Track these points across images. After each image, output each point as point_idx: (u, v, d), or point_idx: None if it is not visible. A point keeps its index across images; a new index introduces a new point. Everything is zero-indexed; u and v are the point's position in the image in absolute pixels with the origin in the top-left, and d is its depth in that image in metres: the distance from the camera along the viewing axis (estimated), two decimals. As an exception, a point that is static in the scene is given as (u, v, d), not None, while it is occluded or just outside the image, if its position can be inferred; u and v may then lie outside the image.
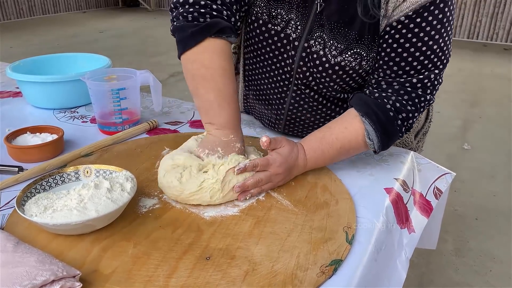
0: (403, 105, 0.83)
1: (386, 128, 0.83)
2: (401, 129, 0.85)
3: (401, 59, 0.82)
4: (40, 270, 0.53)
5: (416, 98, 0.83)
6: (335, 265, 0.62)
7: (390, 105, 0.83)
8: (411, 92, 0.83)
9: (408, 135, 1.06)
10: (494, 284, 1.72)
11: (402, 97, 0.83)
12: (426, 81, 0.83)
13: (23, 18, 7.50)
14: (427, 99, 0.85)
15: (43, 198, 0.69)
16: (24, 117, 1.16)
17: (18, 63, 1.25)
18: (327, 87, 0.91)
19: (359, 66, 0.87)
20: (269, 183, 0.79)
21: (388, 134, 0.84)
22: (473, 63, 4.93)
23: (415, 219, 0.86)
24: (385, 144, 0.86)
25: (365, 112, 0.83)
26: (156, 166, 0.88)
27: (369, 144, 0.84)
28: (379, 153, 0.88)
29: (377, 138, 0.83)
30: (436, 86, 0.85)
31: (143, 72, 1.07)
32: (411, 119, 0.85)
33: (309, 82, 0.92)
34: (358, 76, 0.89)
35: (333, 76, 0.88)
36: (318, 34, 0.87)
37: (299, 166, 0.83)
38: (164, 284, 0.57)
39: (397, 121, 0.83)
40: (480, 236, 2.01)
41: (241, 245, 0.65)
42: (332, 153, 0.85)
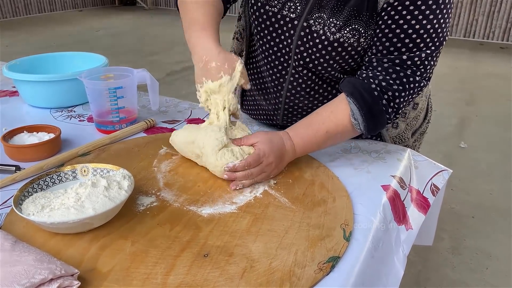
0: (390, 84, 0.83)
1: (371, 107, 0.83)
2: (387, 109, 0.84)
3: (394, 35, 0.83)
4: (38, 269, 0.53)
5: (405, 78, 0.84)
6: (333, 262, 0.62)
7: (375, 85, 0.84)
8: (399, 71, 0.84)
9: (404, 131, 1.06)
10: (490, 281, 1.73)
11: (390, 76, 0.84)
12: (416, 60, 0.83)
13: (19, 17, 7.47)
14: (416, 80, 0.84)
15: (40, 197, 0.69)
16: (21, 116, 1.16)
17: (15, 62, 1.25)
18: (325, 67, 0.92)
19: (358, 43, 0.87)
20: (263, 174, 0.81)
21: (373, 113, 0.84)
22: (470, 62, 4.95)
23: (412, 216, 0.86)
24: (371, 125, 0.85)
25: (350, 92, 0.84)
26: (153, 165, 0.88)
27: (354, 124, 0.85)
28: (366, 135, 0.87)
29: (362, 117, 0.84)
30: (427, 68, 0.85)
31: (140, 71, 1.07)
32: (397, 99, 0.84)
33: (308, 62, 0.93)
34: (356, 53, 0.89)
35: (332, 53, 0.89)
36: (318, 14, 0.88)
37: (288, 152, 0.84)
38: (162, 281, 0.57)
39: (382, 100, 0.83)
40: (477, 234, 2.02)
41: (239, 242, 0.65)
42: (320, 138, 0.85)
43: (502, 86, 4.09)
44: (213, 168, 0.81)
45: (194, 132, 0.86)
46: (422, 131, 1.14)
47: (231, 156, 0.80)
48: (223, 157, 0.80)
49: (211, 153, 0.81)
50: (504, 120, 3.31)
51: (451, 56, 5.05)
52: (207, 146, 0.82)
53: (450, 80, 4.14)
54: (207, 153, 0.82)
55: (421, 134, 1.15)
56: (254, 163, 0.80)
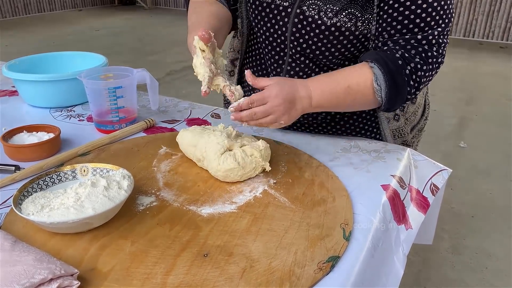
0: (411, 57, 0.84)
1: (394, 75, 0.83)
2: (409, 81, 0.84)
3: (403, 17, 0.83)
4: (38, 269, 0.53)
5: (423, 53, 0.84)
6: (333, 262, 0.62)
7: (399, 55, 0.84)
8: (417, 47, 0.84)
9: (404, 126, 1.06)
10: (490, 281, 1.73)
11: (410, 51, 0.85)
12: (430, 38, 0.84)
13: (18, 16, 7.46)
14: (434, 55, 0.85)
15: (40, 197, 0.69)
16: (20, 116, 1.16)
17: (14, 62, 1.25)
18: (323, 52, 0.92)
19: (355, 27, 0.88)
20: (270, 116, 0.79)
21: (396, 82, 0.83)
22: (469, 62, 4.95)
23: (412, 215, 0.86)
24: (393, 95, 0.84)
25: (375, 59, 0.84)
26: (153, 165, 0.88)
27: (376, 89, 0.84)
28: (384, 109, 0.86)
29: (385, 83, 0.83)
30: (441, 45, 0.86)
31: (140, 71, 1.07)
32: (419, 71, 0.84)
33: (305, 48, 0.93)
34: (355, 38, 0.89)
35: (330, 37, 0.89)
36: (312, 1, 0.89)
37: (302, 99, 0.82)
38: (162, 281, 0.57)
39: (405, 70, 0.83)
40: (476, 233, 2.02)
41: (238, 242, 0.65)
42: (340, 90, 0.84)
43: (501, 86, 4.09)
44: (215, 172, 0.82)
45: (198, 136, 0.87)
46: (420, 128, 1.14)
47: (233, 161, 0.80)
48: (225, 162, 0.80)
49: (213, 157, 0.81)
50: (503, 119, 3.31)
51: (451, 56, 5.04)
52: (209, 151, 0.82)
53: (450, 79, 4.14)
54: (209, 158, 0.82)
55: (420, 131, 1.15)
56: (258, 101, 0.78)
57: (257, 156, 0.83)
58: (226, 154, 0.81)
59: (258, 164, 0.83)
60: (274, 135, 1.04)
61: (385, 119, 1.02)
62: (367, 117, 1.05)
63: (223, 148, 0.82)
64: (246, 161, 0.81)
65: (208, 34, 0.78)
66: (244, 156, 0.82)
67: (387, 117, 1.02)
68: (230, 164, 0.80)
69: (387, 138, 1.05)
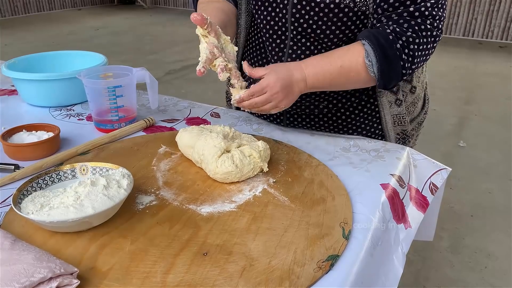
0: (403, 31, 0.85)
1: (385, 50, 0.84)
2: (401, 55, 0.85)
3: None
4: (38, 268, 0.53)
5: (416, 26, 0.85)
6: (332, 261, 0.62)
7: (390, 30, 0.85)
8: (410, 20, 0.85)
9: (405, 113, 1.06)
10: (489, 280, 1.74)
11: (402, 25, 0.85)
12: (423, 10, 0.84)
13: (18, 16, 7.46)
14: (428, 28, 0.85)
15: (39, 196, 0.69)
16: (20, 115, 1.16)
17: (13, 61, 1.25)
18: (324, 31, 0.92)
19: (354, 4, 0.88)
20: (270, 104, 0.83)
21: (387, 56, 0.84)
22: (469, 61, 4.95)
23: (411, 214, 0.86)
24: (385, 69, 0.85)
25: (366, 36, 0.86)
26: (153, 164, 0.88)
27: (368, 65, 0.86)
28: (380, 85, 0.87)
29: (376, 58, 0.84)
30: (435, 17, 0.86)
31: (139, 70, 1.07)
32: (412, 45, 0.85)
33: (305, 28, 0.94)
34: (354, 15, 0.90)
35: (329, 15, 0.90)
36: None
37: (298, 82, 0.85)
38: (161, 280, 0.57)
39: (396, 44, 0.84)
40: (476, 233, 2.02)
41: (238, 241, 0.65)
42: (333, 70, 0.86)
43: (501, 85, 4.09)
44: (213, 175, 0.81)
45: (195, 137, 0.87)
46: (420, 121, 1.15)
47: (231, 164, 0.80)
48: (223, 165, 0.80)
49: (211, 160, 0.81)
50: (503, 119, 3.32)
51: (450, 55, 5.05)
52: (206, 154, 0.82)
53: (449, 79, 4.14)
54: (206, 160, 0.82)
55: (419, 124, 1.15)
56: (258, 92, 0.82)
57: (256, 156, 0.83)
58: (223, 157, 0.81)
59: (256, 165, 0.83)
60: (274, 134, 1.04)
61: (387, 103, 1.02)
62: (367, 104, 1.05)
63: (220, 150, 0.82)
64: (244, 162, 0.81)
65: (200, 15, 0.80)
66: (242, 158, 0.81)
67: (389, 101, 1.03)
68: (228, 167, 0.79)
69: (387, 125, 1.05)
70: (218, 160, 0.81)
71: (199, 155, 0.84)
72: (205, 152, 0.83)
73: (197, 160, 0.85)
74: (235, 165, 0.80)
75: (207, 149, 0.83)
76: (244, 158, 0.82)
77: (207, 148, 0.83)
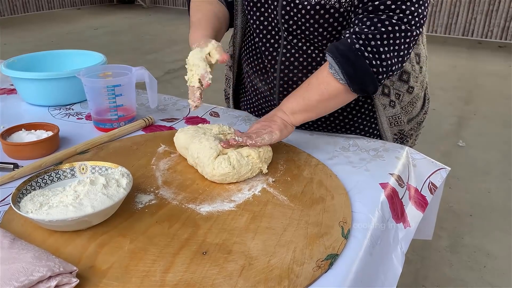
0: (362, 29, 0.84)
1: (345, 53, 0.84)
2: (363, 54, 0.83)
3: None
4: (37, 266, 0.53)
5: (379, 23, 0.83)
6: (331, 260, 0.62)
7: (348, 34, 0.85)
8: (373, 18, 0.83)
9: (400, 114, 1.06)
10: (488, 280, 1.74)
11: (364, 23, 0.84)
12: (389, 3, 0.82)
13: (17, 15, 7.45)
14: (393, 23, 0.82)
15: (38, 195, 0.69)
16: (19, 114, 1.15)
17: (13, 60, 1.24)
18: (312, 32, 0.93)
19: (339, 4, 0.88)
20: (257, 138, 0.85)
21: (349, 59, 0.83)
22: (468, 61, 4.96)
23: (410, 213, 0.86)
24: (351, 72, 0.84)
25: (327, 50, 0.87)
26: (152, 163, 0.88)
27: (333, 74, 0.86)
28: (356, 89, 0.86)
29: (337, 65, 0.84)
30: (414, 13, 0.83)
31: (139, 69, 1.07)
32: (373, 41, 0.83)
33: (295, 29, 0.95)
34: (340, 16, 0.90)
35: (316, 16, 0.90)
36: None
37: (278, 111, 0.91)
38: (161, 279, 0.57)
39: (355, 45, 0.83)
40: (475, 232, 2.03)
41: (237, 240, 0.65)
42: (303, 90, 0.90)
43: (500, 85, 4.09)
44: (211, 177, 0.81)
45: (189, 139, 0.86)
46: (419, 121, 1.15)
47: (228, 165, 0.79)
48: (220, 166, 0.79)
49: (207, 162, 0.80)
50: (502, 118, 3.32)
51: (449, 55, 5.06)
52: (201, 156, 0.82)
53: (448, 78, 4.14)
54: (202, 163, 0.81)
55: (418, 124, 1.15)
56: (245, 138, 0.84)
57: (254, 157, 0.82)
58: (220, 158, 0.81)
59: (255, 165, 0.82)
60: (273, 134, 1.04)
61: (381, 106, 1.03)
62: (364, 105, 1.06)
63: (216, 152, 0.81)
64: (242, 163, 0.80)
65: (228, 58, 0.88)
66: (240, 158, 0.81)
67: (383, 104, 1.03)
68: (225, 168, 0.79)
69: (383, 126, 1.05)
70: (214, 162, 0.80)
71: (194, 158, 0.83)
72: (200, 154, 0.82)
73: (192, 163, 0.85)
74: (232, 166, 0.79)
75: (202, 152, 0.82)
76: (241, 158, 0.81)
77: (202, 150, 0.82)
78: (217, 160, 0.80)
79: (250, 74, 1.14)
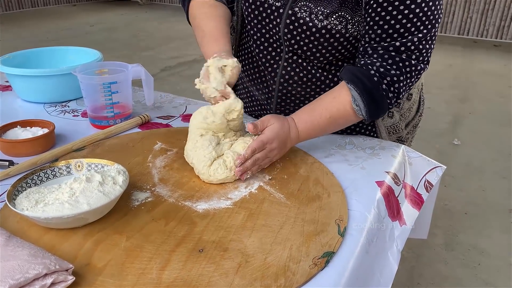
0: (387, 70, 0.85)
1: (372, 93, 0.85)
2: (387, 94, 0.85)
3: (385, 22, 0.84)
4: (33, 264, 0.53)
5: (400, 62, 0.85)
6: (327, 257, 0.62)
7: (374, 71, 0.85)
8: (395, 56, 0.85)
9: (399, 122, 1.07)
10: (482, 277, 1.75)
11: (387, 61, 0.85)
12: (409, 45, 0.84)
13: (12, 11, 7.39)
14: (412, 64, 0.85)
15: (34, 192, 0.69)
16: (14, 111, 1.15)
17: (8, 56, 1.24)
18: (315, 53, 0.93)
19: (345, 30, 0.88)
20: (267, 159, 0.83)
21: (374, 98, 0.85)
22: (464, 59, 4.97)
23: (406, 211, 0.86)
24: (373, 111, 0.87)
25: (351, 79, 0.86)
26: (148, 160, 0.88)
27: (356, 110, 0.87)
28: (368, 121, 0.89)
29: (363, 103, 0.85)
30: (422, 51, 0.85)
31: (135, 66, 1.06)
32: (396, 83, 0.85)
33: (297, 49, 0.94)
34: (346, 41, 0.90)
35: (321, 39, 0.90)
36: (304, 3, 0.89)
37: (292, 139, 0.87)
38: (157, 276, 0.57)
39: (381, 85, 0.85)
40: (469, 230, 2.04)
41: (234, 237, 0.65)
42: (323, 123, 0.88)
43: (495, 84, 4.11)
44: (209, 182, 0.80)
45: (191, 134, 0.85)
46: (415, 124, 1.15)
47: (225, 170, 0.79)
48: (216, 172, 0.79)
49: (202, 170, 0.80)
50: (497, 117, 3.33)
51: (445, 54, 5.07)
52: (196, 164, 0.81)
53: (444, 77, 4.15)
54: (198, 170, 0.81)
55: (414, 127, 1.16)
56: (259, 148, 0.81)
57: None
58: (215, 164, 0.80)
59: None
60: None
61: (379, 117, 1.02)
62: None
63: (210, 160, 0.80)
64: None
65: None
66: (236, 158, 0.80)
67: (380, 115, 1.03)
68: (222, 174, 0.79)
69: (382, 135, 1.06)
70: (209, 169, 0.80)
71: (190, 160, 0.83)
72: (195, 161, 0.82)
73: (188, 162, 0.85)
74: (229, 170, 0.79)
75: (196, 159, 0.81)
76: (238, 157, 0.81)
77: (196, 157, 0.81)
78: (213, 167, 0.80)
79: (245, 80, 1.13)
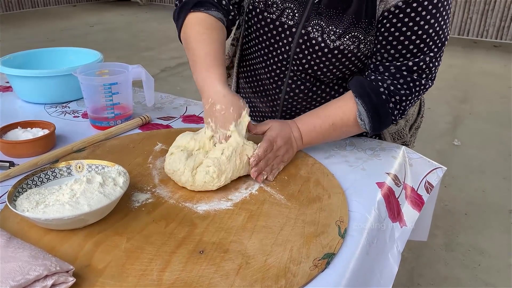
0: (398, 89, 0.86)
1: (378, 110, 0.86)
2: (393, 112, 0.87)
3: (398, 42, 0.84)
4: (33, 265, 0.53)
5: (411, 82, 0.86)
6: (328, 259, 0.62)
7: (384, 88, 0.86)
8: (406, 76, 0.86)
9: (404, 128, 1.07)
10: (482, 278, 1.75)
11: (398, 80, 0.86)
12: (421, 64, 0.85)
13: (12, 12, 7.39)
14: (422, 83, 0.87)
15: (35, 193, 0.69)
16: (14, 112, 1.15)
17: (8, 57, 1.24)
18: (325, 73, 0.93)
19: (358, 49, 0.89)
20: (277, 158, 0.83)
21: (379, 116, 0.87)
22: (464, 60, 4.97)
23: (406, 213, 0.86)
24: (377, 126, 0.88)
25: (359, 93, 0.87)
26: (149, 161, 0.88)
27: (360, 124, 0.88)
28: (370, 135, 0.91)
29: (368, 119, 0.87)
30: (432, 69, 0.87)
31: (135, 67, 1.06)
32: (404, 102, 0.87)
33: (307, 68, 0.94)
34: (357, 59, 0.91)
35: (333, 59, 0.90)
36: (316, 21, 0.89)
37: (296, 138, 0.87)
38: (157, 278, 0.57)
39: (389, 103, 0.86)
40: (469, 230, 2.04)
41: (234, 239, 0.65)
42: (325, 128, 0.88)
43: (495, 84, 4.11)
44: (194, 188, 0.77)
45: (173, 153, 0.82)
46: (417, 126, 1.16)
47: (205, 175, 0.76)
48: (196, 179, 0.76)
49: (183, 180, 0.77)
50: (497, 118, 3.34)
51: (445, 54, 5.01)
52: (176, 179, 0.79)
53: (444, 78, 4.15)
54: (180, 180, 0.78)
55: (416, 129, 1.16)
56: (269, 147, 0.82)
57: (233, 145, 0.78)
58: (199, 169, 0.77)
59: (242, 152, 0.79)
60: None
61: None
62: None
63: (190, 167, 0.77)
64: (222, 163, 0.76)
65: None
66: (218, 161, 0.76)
67: None
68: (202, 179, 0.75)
69: (386, 140, 1.06)
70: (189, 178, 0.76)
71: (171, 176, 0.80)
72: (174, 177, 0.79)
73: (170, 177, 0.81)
74: (212, 177, 0.76)
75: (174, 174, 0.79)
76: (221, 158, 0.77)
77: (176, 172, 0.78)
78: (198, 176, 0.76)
79: (248, 92, 1.12)
